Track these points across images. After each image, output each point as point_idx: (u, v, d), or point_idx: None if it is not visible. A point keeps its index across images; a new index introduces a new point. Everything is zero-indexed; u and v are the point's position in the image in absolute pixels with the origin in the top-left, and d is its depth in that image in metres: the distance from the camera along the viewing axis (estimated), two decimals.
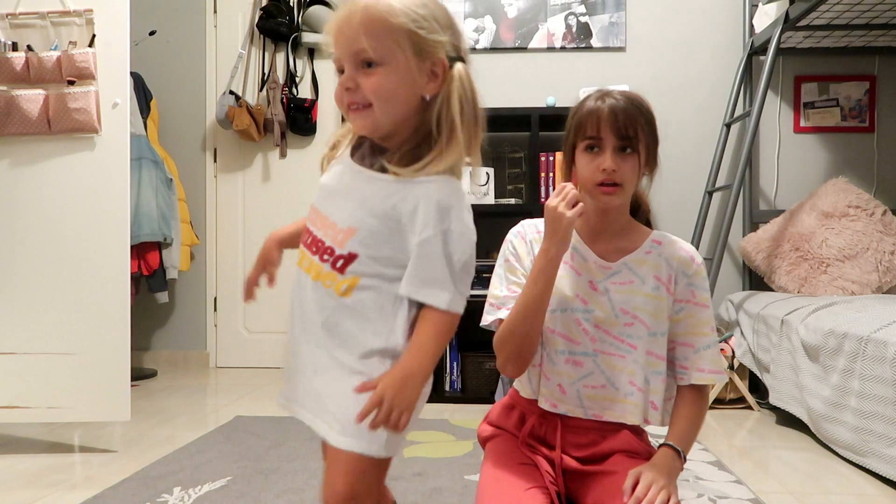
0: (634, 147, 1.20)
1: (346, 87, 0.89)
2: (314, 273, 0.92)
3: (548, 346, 1.26)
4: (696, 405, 1.23)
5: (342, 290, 0.90)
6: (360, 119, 0.90)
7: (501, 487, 1.17)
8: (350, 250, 0.90)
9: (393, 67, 0.87)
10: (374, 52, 0.86)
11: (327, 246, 0.91)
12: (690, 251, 1.27)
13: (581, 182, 1.22)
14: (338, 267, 0.90)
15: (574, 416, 1.24)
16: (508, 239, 1.35)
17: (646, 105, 1.24)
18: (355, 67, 0.88)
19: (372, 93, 0.87)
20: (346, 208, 0.91)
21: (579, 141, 1.22)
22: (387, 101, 0.88)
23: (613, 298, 1.23)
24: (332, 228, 0.92)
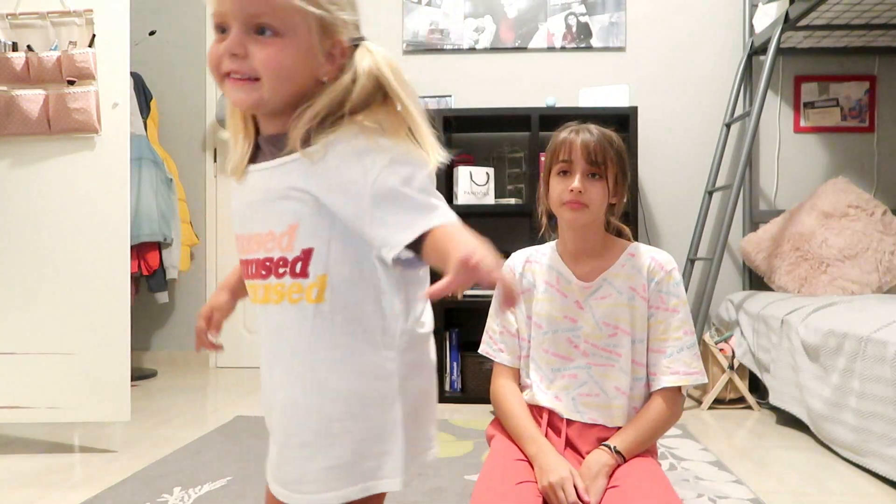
0: (603, 174, 1.28)
1: (232, 52, 0.74)
2: (277, 296, 0.79)
3: (544, 365, 1.36)
4: (659, 408, 1.29)
5: (314, 295, 0.77)
6: (241, 92, 0.75)
7: (495, 481, 1.21)
8: (303, 247, 0.77)
9: (293, 41, 0.74)
10: (275, 20, 0.73)
11: (277, 259, 0.78)
12: (660, 258, 1.33)
13: (551, 201, 1.32)
14: (298, 272, 0.77)
15: (573, 419, 1.32)
16: None
17: (617, 141, 1.33)
18: (246, 31, 0.74)
19: (265, 66, 0.74)
20: (274, 211, 0.78)
21: (553, 165, 1.31)
22: (280, 78, 0.75)
23: (596, 313, 1.32)
24: (270, 238, 0.79)
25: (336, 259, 0.77)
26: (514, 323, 1.41)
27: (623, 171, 1.32)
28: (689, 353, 1.29)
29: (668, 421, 1.30)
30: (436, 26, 3.25)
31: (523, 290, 1.40)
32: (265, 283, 0.80)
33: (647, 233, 3.14)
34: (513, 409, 1.34)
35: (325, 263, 0.77)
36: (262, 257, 0.80)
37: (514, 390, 1.39)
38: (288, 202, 0.77)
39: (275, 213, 0.79)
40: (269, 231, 0.79)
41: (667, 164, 3.21)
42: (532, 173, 2.85)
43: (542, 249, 1.43)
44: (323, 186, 0.75)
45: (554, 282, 1.36)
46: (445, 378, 2.81)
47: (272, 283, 0.79)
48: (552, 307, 1.35)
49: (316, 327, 0.78)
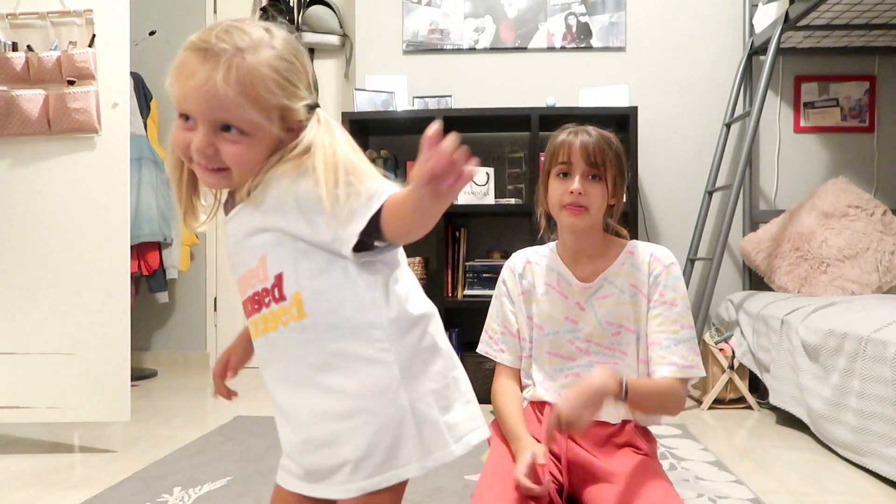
0: (602, 176, 1.28)
1: (203, 153, 0.79)
2: (273, 323, 0.85)
3: (547, 366, 1.37)
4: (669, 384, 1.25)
5: (296, 313, 0.83)
6: (212, 179, 0.83)
7: (495, 481, 1.22)
8: (274, 273, 0.83)
9: (258, 136, 0.80)
10: (241, 125, 0.79)
11: (261, 290, 0.85)
12: (658, 253, 1.34)
13: (550, 204, 1.33)
14: (277, 296, 0.84)
15: None
16: (501, 274, 1.47)
17: (616, 142, 1.33)
18: (213, 130, 0.79)
19: (233, 161, 0.80)
20: (248, 250, 0.86)
21: (553, 167, 1.31)
22: (247, 168, 0.82)
23: (598, 313, 1.33)
24: (253, 275, 0.86)
25: (305, 275, 0.83)
26: (515, 323, 1.41)
27: (622, 173, 1.33)
28: (686, 346, 1.28)
29: (675, 400, 1.26)
30: (436, 26, 3.25)
31: (523, 291, 1.41)
32: (262, 315, 0.86)
33: (647, 233, 3.14)
34: (507, 410, 1.35)
35: (297, 282, 0.83)
36: (252, 293, 0.87)
37: (512, 391, 1.40)
38: (254, 239, 0.85)
39: (248, 251, 0.86)
40: (249, 269, 0.87)
41: (667, 164, 3.20)
42: (532, 173, 2.85)
43: (541, 250, 1.43)
44: (271, 218, 0.82)
45: (554, 283, 1.37)
46: None
47: (266, 314, 0.86)
48: (552, 308, 1.36)
49: (308, 340, 0.83)
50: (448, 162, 0.67)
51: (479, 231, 3.16)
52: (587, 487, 1.27)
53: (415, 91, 3.16)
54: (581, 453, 1.29)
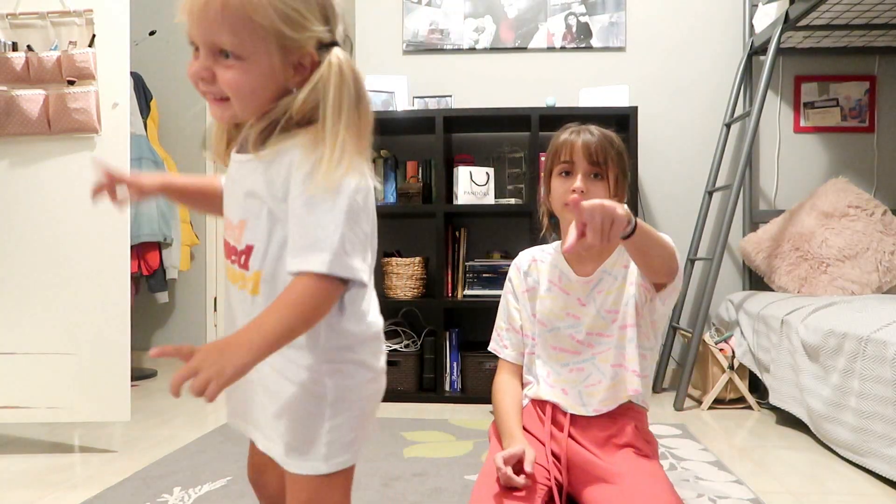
0: (604, 175, 1.29)
1: (199, 76, 0.80)
2: (233, 280, 0.86)
3: (551, 361, 1.39)
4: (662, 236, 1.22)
5: (250, 287, 0.83)
6: (217, 110, 0.83)
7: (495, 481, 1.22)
8: (247, 243, 0.83)
9: (254, 62, 0.78)
10: (233, 48, 0.77)
11: (232, 246, 0.86)
12: None
13: (553, 203, 1.34)
14: (242, 264, 0.84)
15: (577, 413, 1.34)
16: (509, 272, 1.49)
17: (617, 141, 1.33)
18: (212, 55, 0.78)
19: (228, 88, 0.79)
20: (235, 203, 0.86)
21: (555, 166, 1.32)
22: (244, 98, 0.80)
23: (598, 304, 1.34)
24: (232, 228, 0.86)
25: (272, 258, 0.81)
26: (519, 319, 1.43)
27: (623, 171, 1.33)
28: None
29: (671, 251, 1.23)
30: (436, 26, 3.25)
31: (528, 289, 1.43)
32: (231, 266, 0.87)
33: None
34: (504, 407, 1.36)
35: (262, 261, 0.82)
36: (231, 242, 0.87)
37: (513, 388, 1.40)
38: (244, 199, 0.84)
39: (236, 205, 0.86)
40: (230, 220, 0.87)
41: (667, 164, 3.20)
42: (532, 173, 2.85)
43: (547, 249, 1.45)
44: (269, 191, 0.80)
45: (557, 280, 1.39)
46: (445, 378, 2.81)
47: (231, 267, 0.87)
48: (555, 304, 1.38)
49: (252, 315, 0.78)
50: None
51: (479, 231, 3.16)
52: (587, 487, 1.27)
53: (415, 91, 3.16)
54: (581, 453, 1.29)
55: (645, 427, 1.36)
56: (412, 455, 1.97)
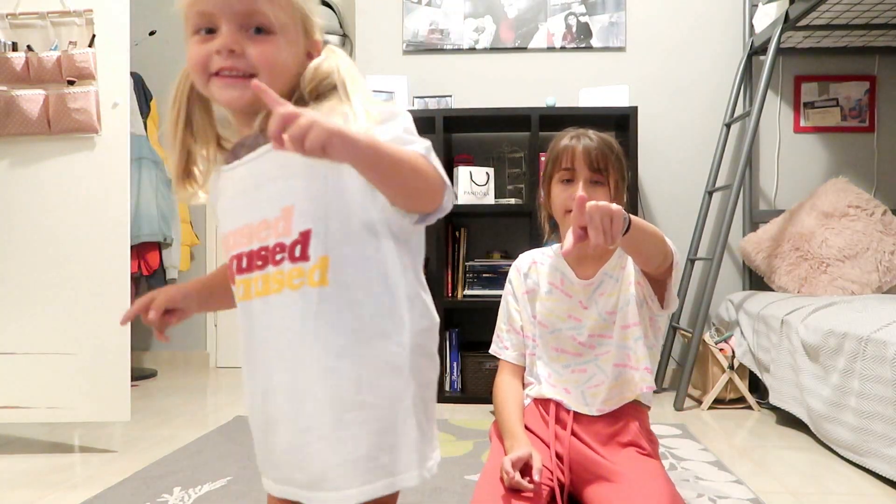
0: (605, 181, 1.29)
1: (230, 48, 0.74)
2: (277, 284, 0.76)
3: (552, 362, 1.39)
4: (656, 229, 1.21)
5: (316, 278, 0.74)
6: (235, 90, 0.76)
7: (495, 481, 1.22)
8: (300, 229, 0.75)
9: (284, 38, 0.77)
10: (267, 18, 0.75)
11: (274, 245, 0.76)
12: None
13: (554, 210, 1.34)
14: (298, 256, 0.75)
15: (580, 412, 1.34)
16: (509, 274, 1.49)
17: (616, 145, 1.33)
18: (240, 30, 0.75)
19: (262, 62, 0.75)
20: (265, 198, 0.78)
21: (555, 173, 1.32)
22: (275, 74, 0.76)
23: (600, 306, 1.34)
24: (266, 227, 0.77)
25: (336, 239, 0.75)
26: (519, 320, 1.43)
27: (623, 176, 1.34)
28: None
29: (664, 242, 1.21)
30: (436, 26, 3.25)
31: (527, 290, 1.43)
32: (263, 274, 0.77)
33: None
34: (505, 407, 1.36)
35: (325, 244, 0.75)
36: (257, 247, 0.78)
37: (514, 388, 1.41)
38: (279, 184, 0.77)
39: (266, 199, 0.77)
40: (262, 220, 0.78)
41: (667, 164, 3.20)
42: (532, 173, 2.85)
43: (547, 251, 1.45)
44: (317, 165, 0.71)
45: (558, 283, 1.39)
46: (445, 378, 2.81)
47: (271, 273, 0.77)
48: (556, 307, 1.38)
49: (321, 313, 0.74)
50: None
51: (478, 231, 3.16)
52: (589, 486, 1.27)
53: (415, 91, 3.16)
54: (584, 451, 1.29)
55: (647, 426, 1.37)
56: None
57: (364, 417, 0.75)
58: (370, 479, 0.74)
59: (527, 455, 1.19)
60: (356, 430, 0.74)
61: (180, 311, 0.87)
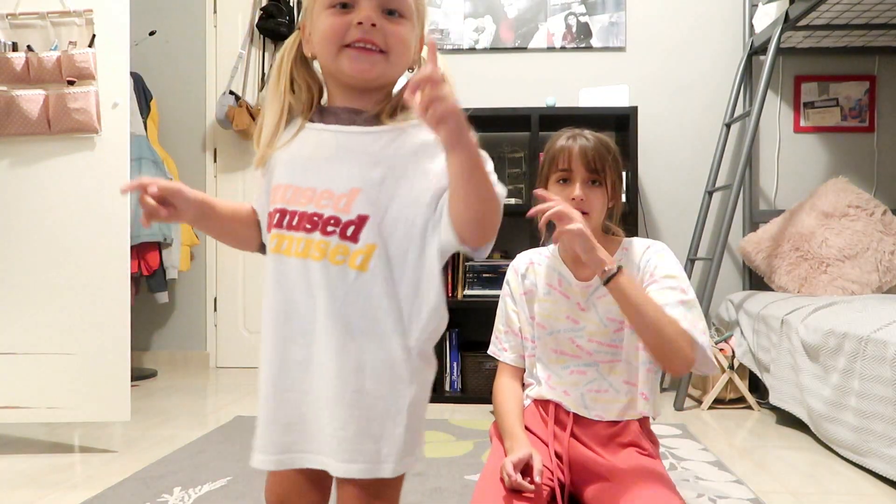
0: (602, 181, 1.29)
1: (373, 22, 0.79)
2: (319, 252, 0.79)
3: (552, 364, 1.38)
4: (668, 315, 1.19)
5: (357, 262, 0.78)
6: (366, 62, 0.80)
7: (495, 481, 1.22)
8: (359, 213, 0.79)
9: (412, 24, 0.85)
10: (402, 4, 0.83)
11: (329, 216, 0.79)
12: (647, 242, 1.35)
13: None
14: (349, 235, 0.78)
15: (580, 414, 1.34)
16: (506, 275, 1.49)
17: (613, 145, 1.33)
18: (377, 9, 0.81)
19: (396, 40, 0.82)
20: (341, 171, 0.81)
21: (552, 174, 1.32)
22: (403, 55, 0.84)
23: (600, 311, 1.33)
24: (328, 197, 0.80)
25: (389, 233, 0.79)
26: (517, 322, 1.43)
27: (620, 176, 1.33)
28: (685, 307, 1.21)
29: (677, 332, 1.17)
30: (436, 26, 3.25)
31: (525, 291, 1.42)
32: (307, 237, 0.80)
33: (647, 233, 3.14)
34: (505, 408, 1.35)
35: (378, 234, 0.79)
36: (312, 211, 0.80)
37: (513, 389, 1.40)
38: (360, 167, 0.81)
39: (339, 174, 0.81)
40: (327, 189, 0.81)
41: (667, 164, 3.20)
42: (532, 173, 2.85)
43: (544, 252, 1.44)
44: (397, 164, 0.81)
45: (556, 284, 1.38)
46: (445, 378, 2.81)
47: (315, 239, 0.80)
48: (554, 308, 1.37)
49: (351, 293, 0.79)
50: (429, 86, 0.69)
51: None
52: (590, 486, 1.27)
53: None
54: (584, 452, 1.29)
55: (648, 426, 1.37)
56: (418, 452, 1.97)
57: (359, 402, 0.79)
58: (352, 458, 0.80)
59: (527, 456, 1.19)
60: (350, 411, 0.79)
61: (174, 209, 0.84)
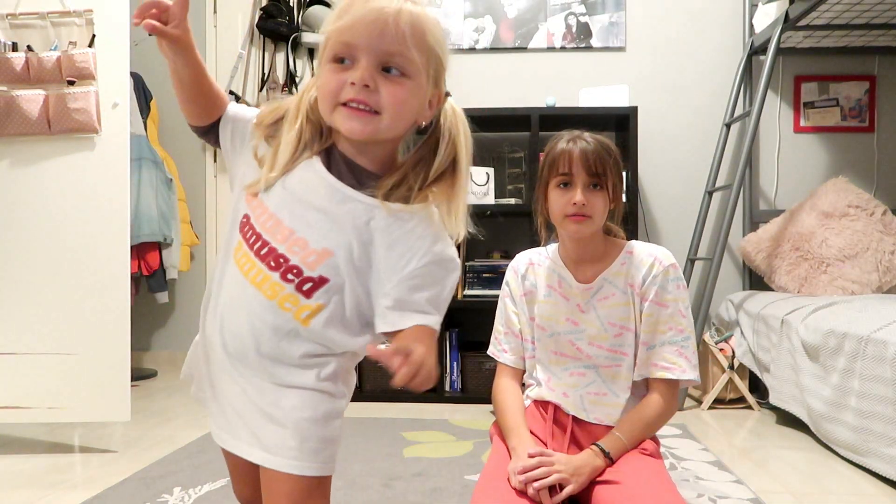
0: (603, 184, 1.28)
1: (366, 83, 0.77)
2: (269, 291, 0.81)
3: (552, 365, 1.38)
4: (647, 404, 1.29)
5: (303, 316, 0.81)
6: (359, 123, 0.79)
7: (495, 481, 1.22)
8: (322, 274, 0.81)
9: (416, 83, 0.80)
10: (405, 62, 0.78)
11: (293, 265, 0.81)
12: (656, 253, 1.34)
13: (552, 214, 1.32)
14: (304, 290, 0.81)
15: (578, 416, 1.34)
16: (506, 275, 1.49)
17: (614, 148, 1.32)
18: (377, 67, 0.78)
19: (391, 102, 0.78)
20: (322, 227, 0.82)
21: (552, 178, 1.31)
22: (399, 116, 0.80)
23: (601, 315, 1.33)
24: (301, 246, 0.81)
25: (337, 299, 0.82)
26: (518, 324, 1.42)
27: (620, 177, 1.32)
28: (672, 348, 1.28)
29: (660, 416, 1.30)
30: None
31: (525, 292, 1.42)
32: (268, 274, 0.82)
33: (647, 233, 3.14)
34: (507, 407, 1.35)
35: (328, 297, 0.82)
36: (281, 251, 0.81)
37: (513, 389, 1.40)
38: (340, 232, 0.81)
39: (322, 229, 0.82)
40: (303, 238, 0.82)
41: (667, 164, 3.20)
42: (532, 173, 2.85)
43: (543, 252, 1.44)
44: (384, 242, 0.82)
45: (556, 285, 1.38)
46: (445, 378, 2.81)
47: (274, 279, 0.81)
48: (554, 310, 1.37)
49: (291, 338, 0.83)
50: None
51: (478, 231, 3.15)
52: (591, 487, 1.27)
53: None
54: None
55: None
56: (412, 455, 1.97)
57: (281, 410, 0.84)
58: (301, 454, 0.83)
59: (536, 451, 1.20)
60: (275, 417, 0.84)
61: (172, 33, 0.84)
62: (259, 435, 0.84)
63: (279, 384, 0.84)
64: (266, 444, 0.83)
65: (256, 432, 0.84)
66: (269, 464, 0.82)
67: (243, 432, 0.85)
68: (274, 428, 0.83)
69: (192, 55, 0.86)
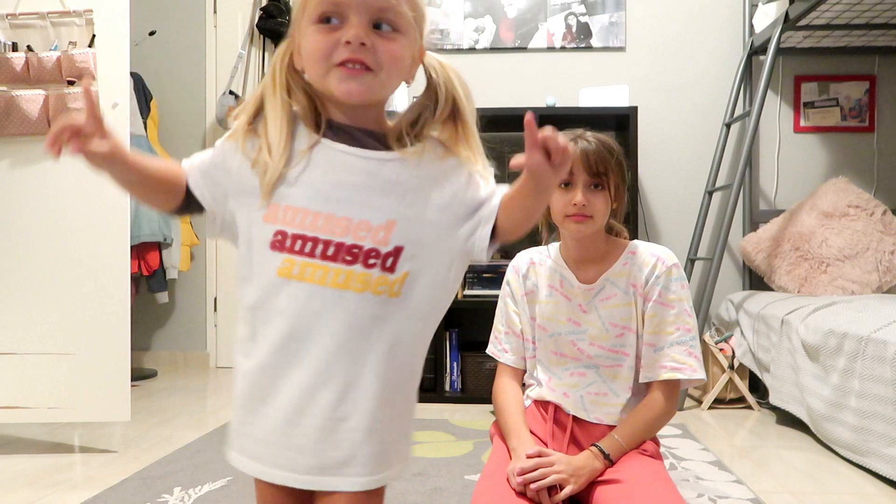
0: (605, 184, 1.27)
1: (361, 41, 0.75)
2: (361, 284, 0.78)
3: (552, 366, 1.37)
4: (648, 405, 1.29)
5: (393, 289, 0.79)
6: (356, 83, 0.76)
7: (495, 481, 1.22)
8: (396, 244, 0.79)
9: (407, 38, 0.79)
10: (396, 16, 0.77)
11: (367, 249, 0.78)
12: (659, 253, 1.33)
13: (553, 215, 1.31)
14: (387, 266, 0.79)
15: (578, 416, 1.33)
16: (506, 275, 1.48)
17: (616, 147, 1.31)
18: (369, 24, 0.76)
19: (387, 58, 0.77)
20: (377, 202, 0.80)
21: None
22: (395, 72, 0.79)
23: (602, 315, 1.32)
24: (366, 228, 0.79)
25: (418, 260, 0.81)
26: (518, 324, 1.42)
27: (623, 178, 1.31)
28: (680, 348, 1.28)
29: (660, 418, 1.29)
30: (436, 26, 3.25)
31: (527, 292, 1.41)
32: (348, 269, 0.78)
33: (647, 233, 3.14)
34: (507, 407, 1.35)
35: (411, 262, 0.80)
36: (350, 243, 0.78)
37: (513, 389, 1.40)
38: (393, 198, 0.80)
39: (374, 204, 0.80)
40: (363, 220, 0.79)
41: (667, 164, 3.20)
42: None
43: (545, 251, 1.43)
44: (422, 192, 0.82)
45: (557, 285, 1.37)
46: (445, 378, 2.81)
47: (357, 271, 0.78)
48: (555, 310, 1.36)
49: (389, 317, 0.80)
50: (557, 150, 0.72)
51: None
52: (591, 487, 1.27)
53: (415, 91, 3.12)
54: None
55: None
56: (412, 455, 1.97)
57: (391, 415, 0.82)
58: (378, 470, 0.82)
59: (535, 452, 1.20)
60: (384, 424, 0.82)
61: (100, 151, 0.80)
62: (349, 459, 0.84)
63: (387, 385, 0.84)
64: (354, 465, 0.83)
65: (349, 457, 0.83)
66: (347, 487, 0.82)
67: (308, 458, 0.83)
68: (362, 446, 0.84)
69: (129, 159, 0.81)
